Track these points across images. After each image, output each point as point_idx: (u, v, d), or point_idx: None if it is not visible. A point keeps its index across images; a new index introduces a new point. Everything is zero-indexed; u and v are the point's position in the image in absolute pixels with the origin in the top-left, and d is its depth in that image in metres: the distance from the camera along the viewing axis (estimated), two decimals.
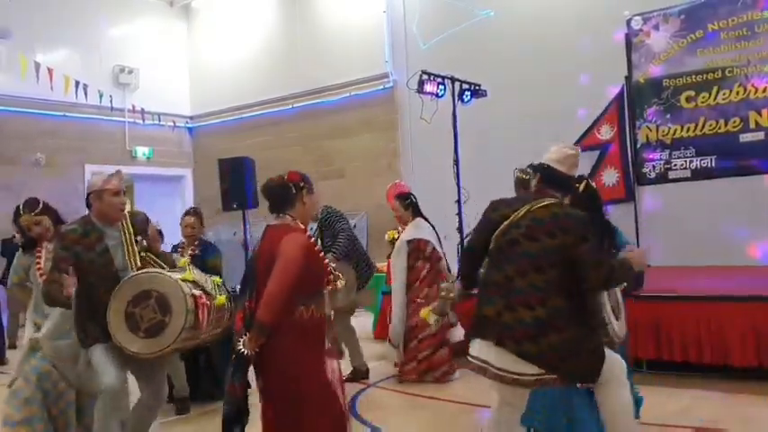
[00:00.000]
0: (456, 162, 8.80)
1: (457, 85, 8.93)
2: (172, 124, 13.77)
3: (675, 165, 8.96)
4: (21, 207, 4.21)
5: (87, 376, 3.97)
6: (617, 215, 6.97)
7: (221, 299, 4.00)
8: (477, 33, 10.54)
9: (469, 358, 3.27)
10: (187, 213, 6.30)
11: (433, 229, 6.43)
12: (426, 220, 6.48)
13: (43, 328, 4.06)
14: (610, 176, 9.36)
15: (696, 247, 8.24)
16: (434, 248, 6.30)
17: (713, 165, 8.70)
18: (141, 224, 4.06)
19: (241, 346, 3.24)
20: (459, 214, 8.46)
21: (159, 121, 13.59)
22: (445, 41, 10.81)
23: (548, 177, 3.41)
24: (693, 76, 8.86)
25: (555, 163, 3.43)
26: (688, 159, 8.87)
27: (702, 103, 8.78)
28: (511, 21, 10.34)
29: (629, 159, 9.31)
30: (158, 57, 13.99)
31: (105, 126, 13.10)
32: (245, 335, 3.25)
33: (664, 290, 6.08)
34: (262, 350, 3.24)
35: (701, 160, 8.79)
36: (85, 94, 11.89)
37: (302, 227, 3.45)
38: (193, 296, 3.74)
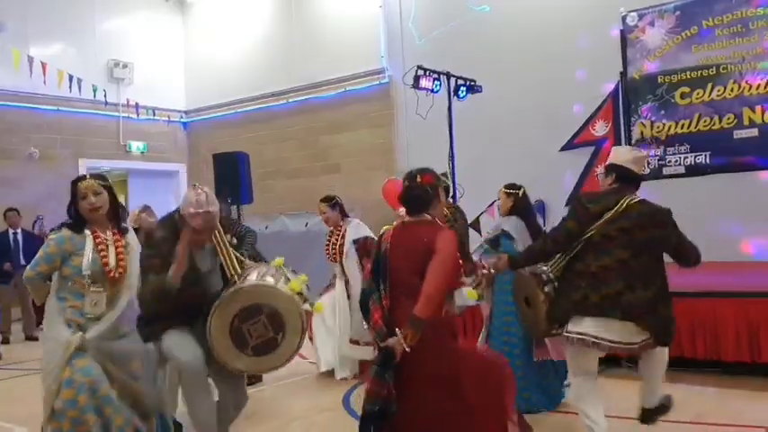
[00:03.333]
0: (451, 157, 8.82)
1: (452, 80, 8.94)
2: (166, 119, 13.75)
3: (670, 161, 8.99)
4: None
5: (137, 377, 3.54)
6: None
7: (319, 306, 3.84)
8: (473, 29, 10.53)
9: (574, 335, 3.68)
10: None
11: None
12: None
13: (93, 329, 3.43)
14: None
15: None
16: None
17: (707, 161, 8.72)
18: (227, 221, 3.88)
19: (393, 344, 3.13)
20: None
21: (154, 115, 13.56)
22: (441, 37, 10.80)
23: (624, 177, 3.92)
24: (688, 73, 8.87)
25: (630, 164, 3.95)
26: (682, 156, 8.89)
27: (697, 99, 8.80)
28: (507, 16, 10.33)
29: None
30: (153, 51, 13.95)
31: (99, 120, 13.07)
32: (389, 332, 3.18)
33: None
34: (421, 348, 3.16)
35: (695, 156, 8.81)
36: (79, 88, 11.87)
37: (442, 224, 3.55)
38: (306, 312, 3.53)
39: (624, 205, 3.74)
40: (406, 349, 3.11)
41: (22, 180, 11.65)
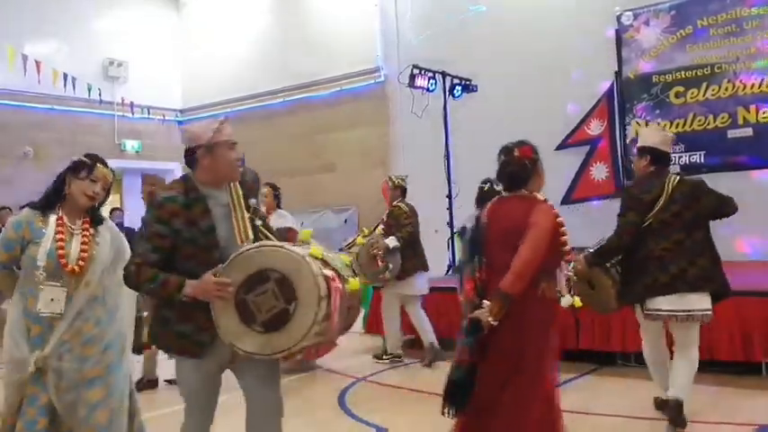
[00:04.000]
0: (447, 156, 8.83)
1: (448, 79, 8.95)
2: (161, 117, 13.71)
3: None
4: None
5: (95, 406, 3.09)
6: (606, 210, 7.01)
7: (354, 283, 3.05)
8: (469, 29, 10.54)
9: (653, 312, 4.22)
10: None
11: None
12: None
13: (51, 341, 3.02)
14: (599, 172, 9.40)
15: None
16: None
17: (702, 160, 8.75)
18: (253, 183, 3.41)
19: (479, 315, 3.13)
20: (450, 208, 8.49)
21: (148, 114, 13.52)
22: (436, 36, 10.81)
23: (658, 158, 4.40)
24: (683, 72, 8.89)
25: (660, 145, 4.42)
26: (677, 155, 8.90)
27: (691, 98, 8.82)
28: (502, 16, 10.34)
29: (619, 155, 9.34)
30: (148, 49, 13.92)
31: (94, 119, 13.04)
32: (479, 304, 3.19)
33: None
34: (502, 321, 3.15)
35: (689, 156, 8.83)
36: (74, 86, 11.83)
37: (543, 199, 3.39)
38: (325, 277, 2.81)
39: (670, 189, 4.23)
40: (492, 323, 3.10)
41: (15, 179, 11.61)
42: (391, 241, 6.37)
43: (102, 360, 3.13)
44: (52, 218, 3.13)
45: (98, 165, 3.24)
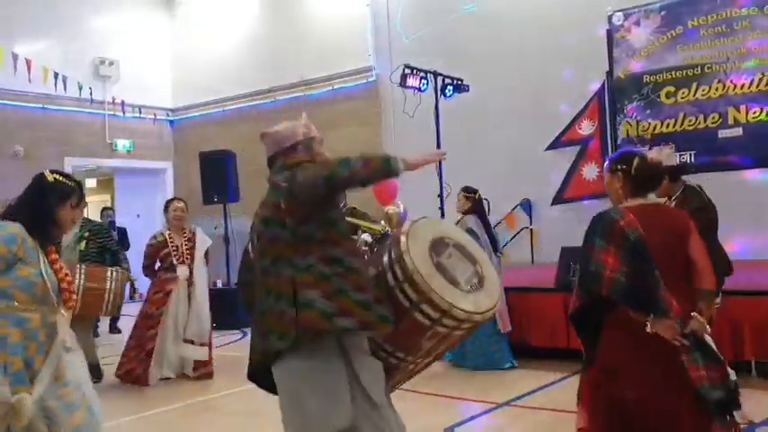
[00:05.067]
0: None
1: (439, 79, 8.95)
2: (153, 117, 13.67)
3: None
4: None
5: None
6: (597, 210, 7.02)
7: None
8: (460, 28, 10.55)
9: None
10: (175, 199, 6.60)
11: None
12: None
13: (39, 380, 2.63)
14: (590, 171, 9.42)
15: None
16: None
17: (692, 160, 8.78)
18: None
19: (696, 327, 2.88)
20: (442, 209, 8.49)
21: (140, 113, 13.48)
22: (428, 36, 10.82)
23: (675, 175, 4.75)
24: (673, 72, 8.93)
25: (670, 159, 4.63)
26: None
27: (682, 98, 8.86)
28: (493, 16, 10.36)
29: (610, 154, 9.36)
30: (139, 48, 13.85)
31: (85, 118, 12.97)
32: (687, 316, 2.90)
33: None
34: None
35: (680, 156, 8.85)
36: (65, 85, 11.78)
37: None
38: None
39: None
40: (708, 329, 2.93)
41: (5, 178, 11.48)
42: (368, 237, 6.67)
43: (83, 401, 2.80)
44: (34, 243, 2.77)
45: (80, 189, 3.01)
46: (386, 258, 2.75)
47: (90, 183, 15.29)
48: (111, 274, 5.94)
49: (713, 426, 2.87)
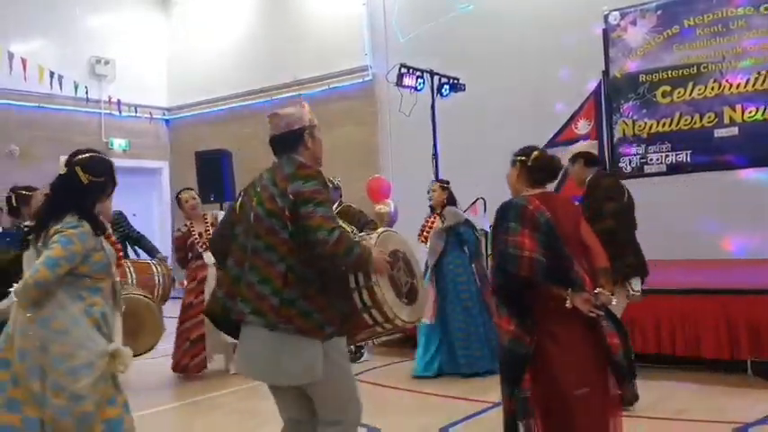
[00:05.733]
0: (434, 155, 8.84)
1: (436, 78, 8.96)
2: (149, 116, 13.65)
3: (651, 159, 9.04)
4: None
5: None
6: None
7: None
8: (457, 27, 10.55)
9: (637, 293, 4.96)
10: (183, 191, 6.68)
11: None
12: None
13: (116, 332, 3.18)
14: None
15: (671, 241, 8.32)
16: None
17: (688, 160, 8.78)
18: None
19: (605, 300, 3.17)
20: None
21: (136, 112, 13.46)
22: (424, 35, 10.82)
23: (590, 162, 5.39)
24: (669, 72, 8.93)
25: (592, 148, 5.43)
26: (664, 154, 8.94)
27: (678, 98, 8.86)
28: (490, 15, 10.36)
29: (606, 154, 9.37)
30: (135, 47, 13.84)
31: (81, 117, 12.95)
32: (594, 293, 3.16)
33: None
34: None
35: (676, 155, 8.87)
36: (61, 84, 11.76)
37: None
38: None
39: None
40: (612, 301, 3.25)
41: (1, 177, 11.51)
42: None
43: None
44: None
45: (114, 174, 3.44)
46: None
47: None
48: (156, 268, 6.13)
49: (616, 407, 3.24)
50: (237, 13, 13.59)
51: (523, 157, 3.49)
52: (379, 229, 3.26)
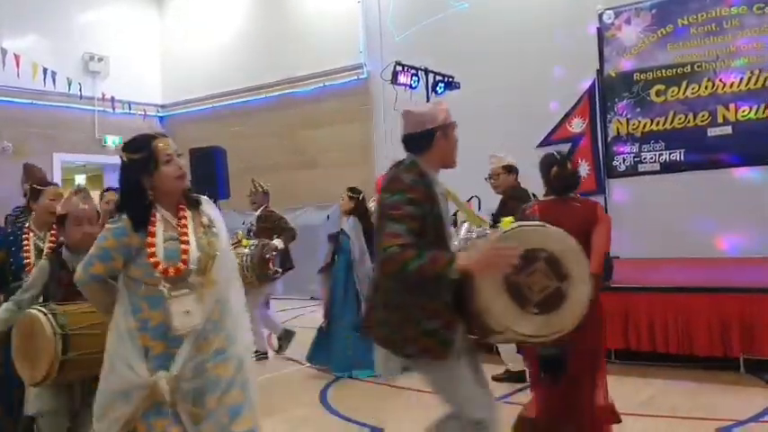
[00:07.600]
0: None
1: (430, 76, 8.96)
2: (142, 113, 13.61)
3: (645, 158, 9.08)
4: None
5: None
6: None
7: None
8: (451, 26, 10.56)
9: None
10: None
11: None
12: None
13: (178, 359, 2.49)
14: (581, 169, 9.43)
15: (664, 239, 8.36)
16: None
17: (682, 158, 8.83)
18: None
19: None
20: None
21: (130, 109, 13.40)
22: (419, 33, 10.82)
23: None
24: (663, 71, 8.96)
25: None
26: (657, 153, 8.98)
27: (672, 97, 8.90)
28: (485, 13, 10.37)
29: (600, 152, 9.40)
30: (129, 44, 13.79)
31: (75, 114, 12.89)
32: None
33: (632, 281, 6.18)
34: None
35: (670, 154, 8.91)
36: (54, 81, 11.70)
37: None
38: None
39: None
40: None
41: None
42: (279, 243, 6.71)
43: (238, 378, 2.60)
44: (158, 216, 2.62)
45: (155, 142, 2.74)
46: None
47: (79, 179, 15.21)
48: None
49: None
50: (232, 10, 13.57)
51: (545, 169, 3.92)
52: (513, 224, 2.82)
